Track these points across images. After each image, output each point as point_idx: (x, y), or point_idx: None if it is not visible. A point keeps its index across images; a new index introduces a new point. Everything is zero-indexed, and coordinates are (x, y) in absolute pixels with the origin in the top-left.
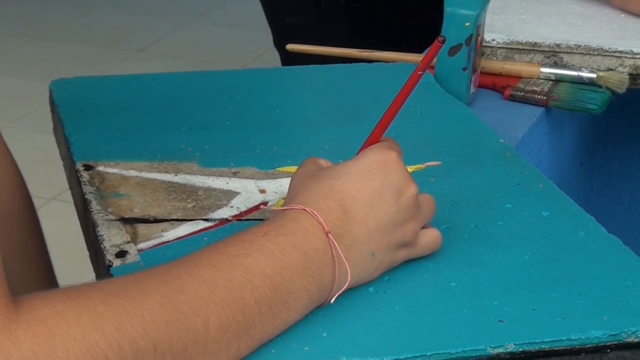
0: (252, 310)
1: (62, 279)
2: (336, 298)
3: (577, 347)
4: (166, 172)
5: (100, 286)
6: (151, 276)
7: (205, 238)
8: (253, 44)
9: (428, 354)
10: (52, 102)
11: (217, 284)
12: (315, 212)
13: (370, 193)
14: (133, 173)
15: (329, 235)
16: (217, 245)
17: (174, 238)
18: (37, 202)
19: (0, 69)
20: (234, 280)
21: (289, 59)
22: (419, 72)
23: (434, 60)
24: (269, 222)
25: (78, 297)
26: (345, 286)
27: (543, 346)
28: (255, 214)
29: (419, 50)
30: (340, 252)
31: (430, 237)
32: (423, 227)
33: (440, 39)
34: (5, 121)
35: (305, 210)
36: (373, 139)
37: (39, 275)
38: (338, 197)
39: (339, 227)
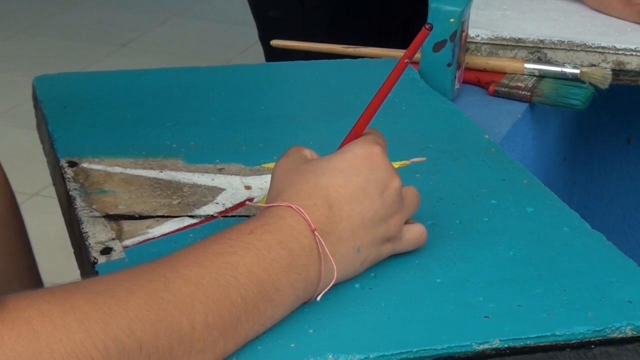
0: (238, 308)
1: (45, 275)
2: (322, 295)
3: (562, 342)
4: (151, 168)
5: (86, 286)
6: (137, 275)
7: (191, 235)
8: (237, 38)
9: (414, 350)
10: (35, 99)
11: (203, 282)
12: (301, 209)
13: (355, 189)
14: (118, 170)
15: (315, 232)
16: (203, 243)
17: (159, 235)
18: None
19: None
20: (220, 278)
21: (272, 53)
22: (405, 61)
23: (418, 55)
24: (255, 220)
25: (63, 297)
26: (332, 283)
27: (528, 342)
28: (240, 211)
29: (402, 45)
30: (326, 249)
31: (415, 233)
32: (408, 223)
33: (427, 26)
34: None
35: (291, 207)
36: (357, 130)
37: (23, 273)
38: (324, 194)
39: (324, 224)
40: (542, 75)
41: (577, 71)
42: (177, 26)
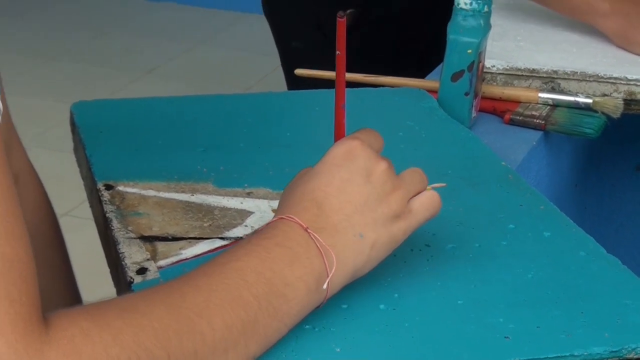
0: (252, 306)
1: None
2: (328, 287)
3: None
4: (183, 192)
5: (114, 303)
6: (155, 292)
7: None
8: (257, 66)
9: None
10: (72, 124)
11: (213, 287)
12: (291, 216)
13: (339, 183)
14: (151, 193)
15: (308, 230)
16: (208, 262)
17: (191, 256)
18: None
19: (17, 89)
20: (229, 282)
21: (294, 81)
22: (337, 53)
23: (437, 84)
24: (255, 232)
25: (97, 314)
26: (332, 273)
27: None
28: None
29: (418, 75)
30: (322, 241)
31: (425, 199)
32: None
33: (340, 14)
34: (30, 142)
35: (283, 218)
36: (338, 136)
37: (64, 291)
38: (311, 196)
39: (316, 222)
40: (555, 105)
41: (589, 101)
42: (199, 54)
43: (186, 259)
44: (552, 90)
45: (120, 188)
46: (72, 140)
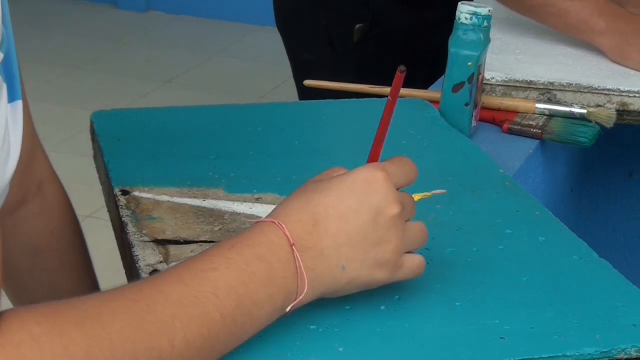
0: (217, 325)
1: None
2: (292, 308)
3: None
4: (195, 197)
5: (76, 306)
6: (123, 295)
7: None
8: (270, 76)
9: None
10: (92, 132)
11: (184, 301)
12: (283, 225)
13: (345, 209)
14: (165, 198)
15: (294, 247)
16: (188, 262)
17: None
18: None
19: (46, 97)
20: (201, 296)
21: (305, 91)
22: (389, 99)
23: (439, 95)
24: (240, 234)
25: (54, 320)
26: (302, 296)
27: None
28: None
29: (425, 86)
30: (301, 264)
31: (416, 262)
32: (409, 252)
33: (401, 69)
34: (46, 145)
35: (274, 222)
36: (372, 160)
37: (86, 292)
38: (312, 210)
39: (305, 239)
40: (552, 115)
41: (584, 111)
42: (217, 64)
43: None
44: (549, 101)
45: (136, 193)
46: (92, 147)
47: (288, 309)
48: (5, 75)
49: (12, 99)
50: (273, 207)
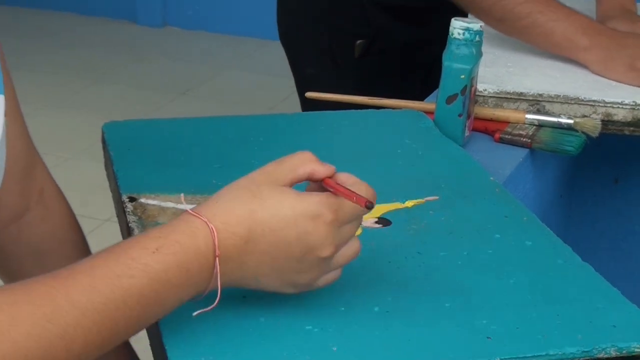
0: (118, 329)
1: None
2: (199, 313)
3: None
4: (198, 203)
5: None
6: (30, 293)
7: None
8: (279, 88)
9: None
10: (103, 142)
11: (90, 307)
12: (215, 233)
13: (281, 238)
14: (170, 204)
15: (217, 258)
16: (108, 258)
17: None
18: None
19: (67, 107)
20: (110, 304)
21: (308, 103)
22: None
23: (433, 106)
24: (171, 229)
25: None
26: (215, 304)
27: None
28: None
29: (420, 97)
30: (219, 271)
31: (328, 280)
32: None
33: (367, 204)
34: (69, 152)
35: (208, 227)
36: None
37: None
38: (250, 226)
39: (232, 252)
40: (540, 125)
41: (571, 121)
42: (229, 77)
43: None
44: (538, 111)
45: (143, 200)
46: (103, 156)
47: (194, 314)
48: None
49: None
50: None
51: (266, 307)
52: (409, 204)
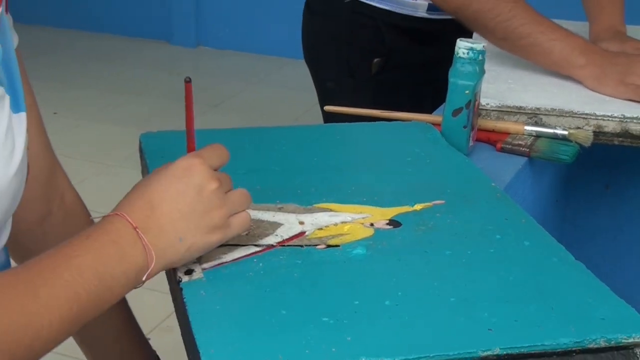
0: (83, 300)
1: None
2: (147, 278)
3: (550, 351)
4: None
5: None
6: (11, 285)
7: (255, 259)
8: (302, 101)
9: (431, 355)
10: (141, 151)
11: (56, 284)
12: (125, 215)
13: (174, 192)
14: None
15: (137, 230)
16: (59, 248)
17: (230, 259)
18: None
19: (109, 119)
20: (71, 279)
21: (328, 115)
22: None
23: (440, 118)
24: (94, 226)
25: None
26: (151, 268)
27: (522, 350)
28: (295, 241)
29: (428, 111)
30: (147, 242)
31: (240, 219)
32: (236, 214)
33: (186, 79)
34: (111, 160)
35: (117, 214)
36: (189, 148)
37: None
38: (148, 198)
39: (145, 222)
40: (538, 135)
41: (565, 132)
42: (257, 92)
43: (226, 262)
44: (536, 123)
45: None
46: (140, 163)
47: (143, 278)
48: (9, 88)
49: (16, 110)
50: (293, 215)
51: (287, 301)
52: (418, 207)
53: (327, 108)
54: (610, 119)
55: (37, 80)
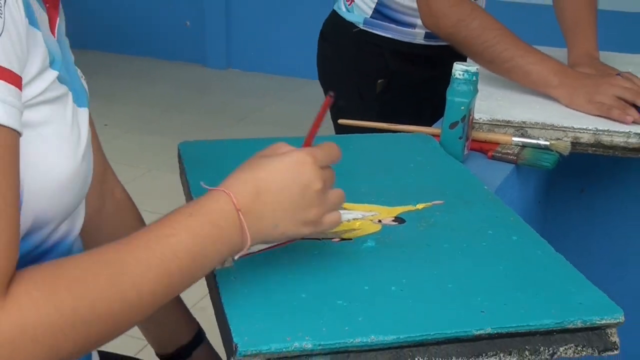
0: (175, 277)
1: None
2: (239, 257)
3: (534, 330)
4: None
5: (68, 269)
6: (102, 259)
7: (278, 251)
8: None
9: (431, 333)
10: (179, 157)
11: (151, 262)
12: (232, 194)
13: (281, 184)
14: None
15: (240, 213)
16: (154, 227)
17: (256, 250)
18: None
19: (151, 131)
20: (164, 258)
21: (340, 128)
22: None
23: (439, 130)
24: (196, 201)
25: (50, 283)
26: (246, 249)
27: (510, 330)
28: (312, 235)
29: (429, 124)
30: (245, 224)
31: (332, 218)
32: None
33: (330, 94)
34: (153, 165)
35: (225, 192)
36: (306, 143)
37: None
38: (256, 184)
39: (248, 206)
40: (524, 145)
41: (547, 143)
42: (277, 108)
43: (252, 252)
44: (522, 135)
45: None
46: (179, 168)
47: (236, 257)
48: (71, 86)
49: (79, 104)
50: None
51: (307, 286)
52: (420, 206)
53: (341, 121)
54: (585, 131)
55: (90, 97)
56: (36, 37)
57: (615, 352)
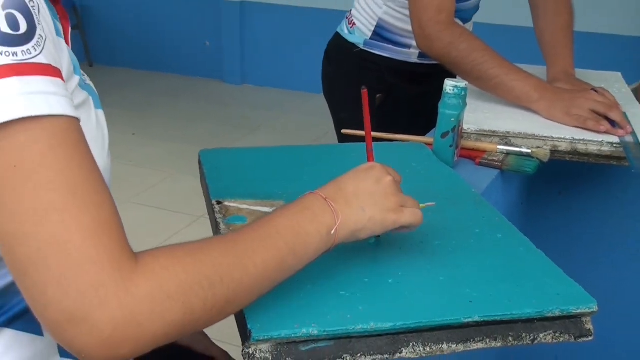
0: (283, 250)
1: None
2: (335, 231)
3: (517, 319)
4: (265, 206)
5: (186, 246)
6: (215, 240)
7: None
8: (322, 127)
9: (424, 320)
10: (199, 162)
11: (258, 238)
12: (315, 192)
13: (358, 178)
14: (245, 206)
15: (327, 199)
16: (263, 218)
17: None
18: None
19: (173, 139)
20: (270, 234)
21: (342, 137)
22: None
23: (432, 139)
24: (290, 202)
25: (172, 254)
26: (337, 225)
27: (496, 318)
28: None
29: (422, 133)
30: (334, 206)
31: (414, 210)
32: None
33: (364, 88)
34: (175, 170)
35: (311, 192)
36: (369, 159)
37: None
38: (336, 184)
39: (334, 196)
40: (508, 153)
41: (529, 151)
42: (287, 119)
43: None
44: (506, 144)
45: (226, 203)
46: (199, 172)
47: (332, 231)
48: (90, 92)
49: (97, 107)
50: None
51: (312, 278)
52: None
53: (345, 131)
54: (563, 140)
55: (120, 109)
56: (61, 44)
57: (590, 338)
